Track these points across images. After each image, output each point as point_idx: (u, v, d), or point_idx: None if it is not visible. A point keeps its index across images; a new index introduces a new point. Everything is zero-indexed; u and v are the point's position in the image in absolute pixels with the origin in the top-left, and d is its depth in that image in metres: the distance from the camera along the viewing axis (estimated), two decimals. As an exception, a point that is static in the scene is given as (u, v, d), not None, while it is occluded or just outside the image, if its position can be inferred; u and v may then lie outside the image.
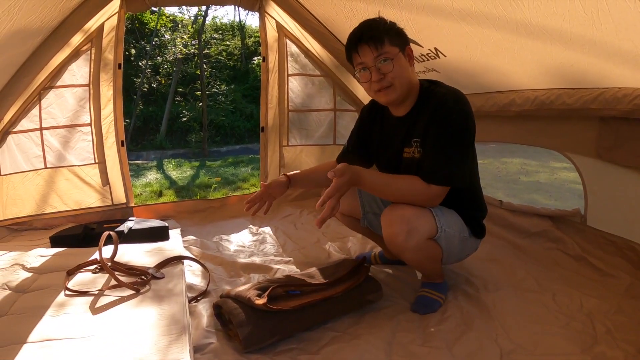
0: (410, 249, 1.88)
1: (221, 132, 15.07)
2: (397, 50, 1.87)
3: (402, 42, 1.90)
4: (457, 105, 1.83)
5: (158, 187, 6.48)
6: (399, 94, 1.92)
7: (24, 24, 2.49)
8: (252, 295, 1.77)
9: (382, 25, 1.88)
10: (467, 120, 1.84)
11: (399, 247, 1.89)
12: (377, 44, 1.83)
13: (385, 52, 1.84)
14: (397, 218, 1.86)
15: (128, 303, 1.83)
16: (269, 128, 4.09)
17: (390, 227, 1.88)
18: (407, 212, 1.85)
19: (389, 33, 1.86)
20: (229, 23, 20.52)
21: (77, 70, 3.42)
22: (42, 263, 2.32)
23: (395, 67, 1.86)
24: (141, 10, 3.57)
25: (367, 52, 1.86)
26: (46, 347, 1.50)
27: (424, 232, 1.85)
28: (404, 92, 1.93)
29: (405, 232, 1.82)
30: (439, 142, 1.83)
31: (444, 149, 1.82)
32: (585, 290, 2.12)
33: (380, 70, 1.87)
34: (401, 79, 1.88)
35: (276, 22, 3.88)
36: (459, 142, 1.83)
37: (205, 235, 3.30)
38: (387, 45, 1.84)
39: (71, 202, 3.57)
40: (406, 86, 1.92)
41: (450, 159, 1.81)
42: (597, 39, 1.82)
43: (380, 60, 1.85)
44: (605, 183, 2.40)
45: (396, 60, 1.86)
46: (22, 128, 3.33)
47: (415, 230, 1.83)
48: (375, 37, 1.84)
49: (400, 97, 1.94)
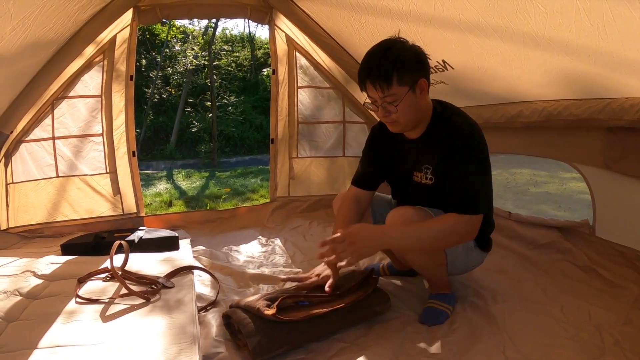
0: (413, 250, 1.91)
1: (231, 143, 15.12)
2: (406, 90, 1.80)
3: (413, 77, 1.81)
4: (475, 135, 1.85)
5: (168, 197, 6.51)
6: (403, 128, 1.95)
7: (37, 36, 2.54)
8: (262, 305, 1.77)
9: (392, 62, 1.77)
10: (485, 148, 1.86)
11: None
12: (383, 85, 1.78)
13: (391, 94, 1.79)
14: (401, 218, 1.89)
15: (138, 312, 1.85)
16: (278, 140, 4.12)
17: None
18: (411, 214, 1.88)
19: (400, 70, 1.77)
20: (239, 35, 20.63)
21: (89, 81, 3.47)
22: (53, 270, 2.35)
23: (401, 108, 1.82)
24: (153, 22, 3.61)
25: (373, 90, 1.83)
26: (56, 353, 1.52)
27: None
28: (409, 125, 1.94)
29: None
30: (465, 173, 1.83)
31: (472, 178, 1.82)
32: (594, 302, 2.12)
33: (386, 109, 1.85)
34: (406, 117, 1.87)
35: (286, 35, 3.91)
36: (482, 170, 1.85)
37: (215, 245, 3.31)
38: (394, 86, 1.78)
39: (82, 211, 3.61)
40: (412, 121, 1.92)
41: (480, 187, 1.84)
42: (603, 49, 1.83)
43: (387, 102, 1.82)
44: (613, 194, 2.39)
45: (403, 100, 1.81)
46: (35, 137, 3.38)
47: None
48: (382, 76, 1.77)
49: (407, 129, 1.97)
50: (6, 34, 2.24)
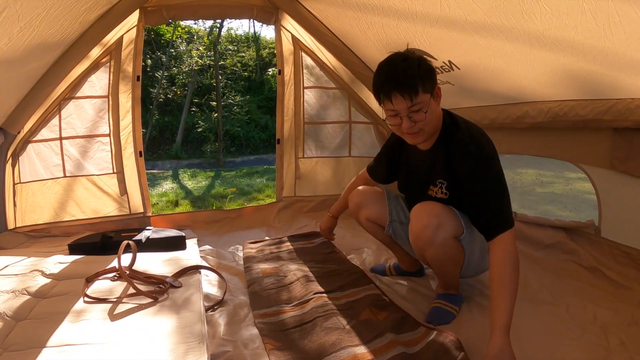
0: (436, 243, 1.91)
1: (236, 143, 15.12)
2: (429, 97, 1.82)
3: (433, 84, 1.84)
4: (483, 151, 1.84)
5: (174, 197, 6.52)
6: (426, 137, 1.94)
7: (45, 37, 2.56)
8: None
9: (415, 70, 1.78)
10: (496, 158, 1.85)
11: (426, 241, 1.92)
12: (412, 94, 1.77)
13: (419, 102, 1.79)
14: (427, 212, 1.91)
15: (146, 311, 1.87)
16: (284, 140, 4.13)
17: (420, 221, 1.92)
18: (437, 208, 1.91)
19: (423, 79, 1.78)
20: (244, 35, 20.63)
21: (96, 82, 3.49)
22: (61, 270, 2.36)
23: (428, 115, 1.83)
24: (159, 23, 3.63)
25: (400, 101, 1.80)
26: (65, 352, 1.54)
27: (451, 229, 1.90)
28: (430, 133, 1.94)
29: (435, 225, 1.88)
30: (485, 193, 1.81)
31: (495, 194, 1.81)
32: (599, 302, 2.12)
33: (412, 119, 1.83)
34: (430, 125, 1.88)
35: (292, 35, 3.92)
36: (500, 182, 1.83)
37: (222, 245, 3.32)
38: (421, 94, 1.78)
39: (89, 211, 3.63)
40: (433, 129, 1.93)
41: (506, 200, 1.82)
42: (609, 50, 1.83)
43: (413, 110, 1.81)
44: (619, 194, 2.39)
45: (429, 108, 1.82)
46: (42, 137, 3.41)
47: (444, 225, 1.88)
48: (410, 86, 1.76)
49: (427, 138, 1.97)
50: (14, 35, 2.26)
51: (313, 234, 3.44)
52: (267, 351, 1.78)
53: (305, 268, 2.64)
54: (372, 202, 2.38)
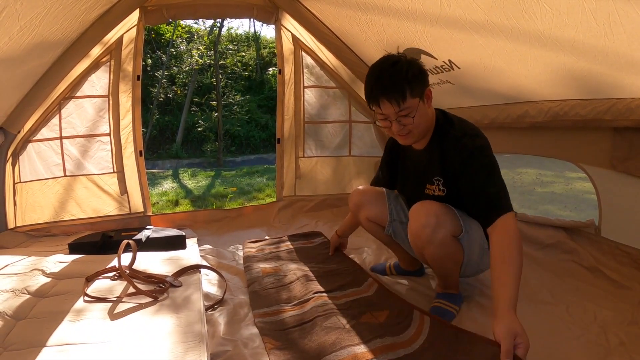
0: (435, 242, 1.91)
1: (236, 142, 15.15)
2: (418, 101, 1.86)
3: (422, 88, 1.87)
4: (476, 143, 1.87)
5: (174, 196, 6.52)
6: (417, 139, 1.99)
7: (45, 36, 2.56)
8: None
9: (403, 74, 1.82)
10: (489, 150, 1.88)
11: (425, 240, 1.92)
12: (399, 99, 1.81)
13: (407, 107, 1.83)
14: (425, 211, 1.92)
15: (146, 310, 1.86)
16: (285, 139, 4.14)
17: (418, 220, 1.93)
18: (435, 207, 1.92)
19: (411, 83, 1.82)
20: (244, 34, 20.63)
21: (96, 81, 3.50)
22: (61, 269, 2.36)
23: (416, 119, 1.87)
24: (159, 22, 3.63)
25: (388, 107, 1.85)
26: (65, 351, 1.53)
27: (450, 227, 1.90)
28: (421, 135, 1.99)
29: (433, 224, 1.88)
30: (481, 181, 1.83)
31: (490, 182, 1.83)
32: (599, 302, 2.12)
33: (401, 122, 1.88)
34: (420, 127, 1.92)
35: (292, 35, 3.92)
36: (495, 171, 1.85)
37: (222, 244, 3.32)
38: (409, 99, 1.82)
39: (89, 210, 3.63)
40: (424, 130, 1.97)
41: (501, 186, 1.83)
42: (609, 49, 1.83)
43: (402, 115, 1.85)
44: (619, 194, 2.39)
45: (417, 111, 1.86)
46: (42, 137, 3.41)
47: (443, 224, 1.89)
48: (397, 91, 1.81)
49: (419, 140, 2.01)
50: (14, 34, 2.26)
51: (313, 234, 3.44)
52: (267, 350, 1.78)
53: (305, 267, 2.64)
54: (372, 202, 2.39)
